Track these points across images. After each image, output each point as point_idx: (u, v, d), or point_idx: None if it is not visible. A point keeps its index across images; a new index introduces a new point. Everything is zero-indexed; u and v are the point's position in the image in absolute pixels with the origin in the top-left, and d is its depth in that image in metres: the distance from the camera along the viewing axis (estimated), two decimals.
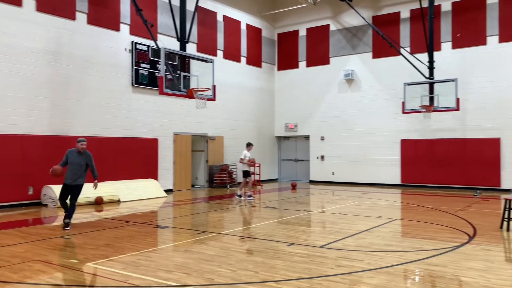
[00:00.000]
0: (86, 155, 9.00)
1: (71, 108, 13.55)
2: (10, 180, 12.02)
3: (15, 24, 12.25)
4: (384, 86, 19.25)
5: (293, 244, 7.42)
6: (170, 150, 16.77)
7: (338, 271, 5.75)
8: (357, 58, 19.98)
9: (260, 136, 21.40)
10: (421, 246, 7.25)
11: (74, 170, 8.89)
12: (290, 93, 21.84)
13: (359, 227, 9.04)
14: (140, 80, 15.47)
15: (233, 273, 5.66)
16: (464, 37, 17.48)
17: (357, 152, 19.85)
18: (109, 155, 14.37)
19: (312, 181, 21.10)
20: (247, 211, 12.10)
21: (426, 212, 11.40)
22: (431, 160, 18.05)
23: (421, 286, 5.32)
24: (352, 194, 15.71)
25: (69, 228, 8.79)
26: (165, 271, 5.77)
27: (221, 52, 19.04)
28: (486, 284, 5.23)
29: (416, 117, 17.90)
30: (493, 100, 16.81)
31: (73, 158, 8.92)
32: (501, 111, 16.67)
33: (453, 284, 5.28)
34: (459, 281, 5.37)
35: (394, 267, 5.98)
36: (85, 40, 13.95)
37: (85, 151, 9.00)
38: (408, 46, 18.52)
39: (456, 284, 5.28)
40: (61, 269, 5.92)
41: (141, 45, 15.51)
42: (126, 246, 7.35)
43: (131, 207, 12.53)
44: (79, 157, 8.93)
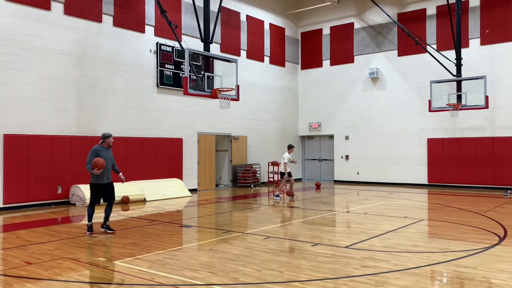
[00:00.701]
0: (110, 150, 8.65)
1: (97, 109, 13.82)
2: (40, 179, 12.33)
3: (43, 27, 12.57)
4: (410, 84, 18.93)
5: (318, 244, 7.38)
6: (195, 150, 16.90)
7: (364, 271, 5.68)
8: (382, 56, 19.71)
9: (284, 136, 21.35)
10: (449, 247, 7.10)
11: (106, 167, 8.33)
12: (314, 92, 21.71)
13: (385, 228, 8.91)
14: (165, 81, 15.65)
15: (258, 273, 5.66)
16: (493, 33, 17.03)
17: (382, 151, 19.58)
18: (134, 155, 14.59)
19: (337, 181, 20.93)
20: (272, 210, 12.09)
21: (454, 212, 11.16)
22: (459, 159, 17.66)
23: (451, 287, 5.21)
24: (377, 194, 15.51)
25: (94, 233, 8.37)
26: (190, 270, 5.82)
27: (244, 52, 19.09)
28: None
29: (443, 115, 17.54)
30: None
31: (103, 154, 8.33)
32: None
33: (483, 286, 5.14)
34: (489, 284, 5.23)
35: (421, 268, 5.87)
36: (111, 42, 14.20)
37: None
38: (435, 43, 18.16)
39: (486, 287, 5.14)
40: (89, 267, 6.04)
41: (165, 46, 15.68)
42: (152, 245, 7.45)
43: (156, 206, 12.69)
44: (108, 152, 8.49)
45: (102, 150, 8.46)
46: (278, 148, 20.82)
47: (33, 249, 7.16)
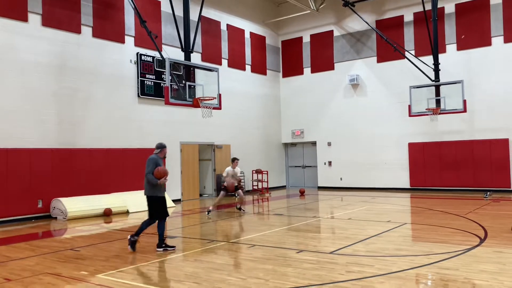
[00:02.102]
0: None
1: (78, 121, 13.65)
2: (19, 193, 12.09)
3: (21, 39, 12.40)
4: (390, 90, 19.20)
5: (303, 251, 7.38)
6: (178, 160, 16.80)
7: (349, 277, 5.70)
8: (362, 63, 19.98)
9: (267, 143, 21.40)
10: (432, 250, 7.18)
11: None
12: (296, 99, 21.85)
13: (368, 232, 8.98)
14: (146, 91, 15.56)
15: (243, 282, 5.63)
16: (468, 38, 17.43)
17: (364, 157, 19.77)
18: (116, 167, 14.42)
19: (320, 187, 21.02)
20: (256, 219, 12.07)
21: (436, 215, 11.31)
22: (440, 163, 17.93)
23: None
24: (360, 199, 15.62)
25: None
26: (175, 281, 5.76)
27: (225, 60, 19.13)
28: (500, 286, 5.16)
29: (423, 120, 17.81)
30: (500, 100, 16.71)
31: (161, 164, 7.99)
32: (509, 111, 16.56)
33: (466, 287, 5.21)
34: (472, 284, 5.30)
35: (405, 271, 5.92)
36: (90, 53, 14.08)
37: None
38: (413, 49, 18.49)
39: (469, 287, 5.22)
40: (71, 281, 5.93)
41: (146, 56, 15.62)
42: (136, 257, 7.35)
43: (139, 218, 12.52)
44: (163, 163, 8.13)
45: (160, 161, 8.09)
46: (262, 156, 20.85)
47: (12, 265, 7.00)
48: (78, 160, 13.46)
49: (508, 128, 16.60)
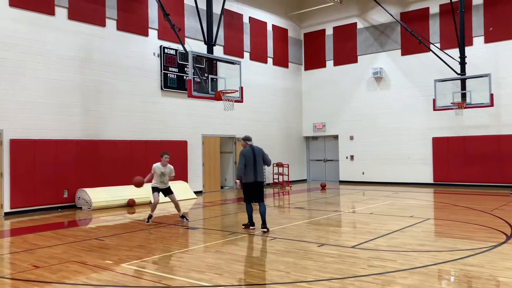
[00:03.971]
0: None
1: (102, 113, 13.88)
2: (46, 184, 12.40)
3: (48, 33, 12.65)
4: (414, 83, 18.89)
5: (324, 244, 7.38)
6: (199, 152, 16.94)
7: (371, 271, 5.68)
8: (386, 56, 19.69)
9: (288, 137, 21.36)
10: (456, 246, 7.08)
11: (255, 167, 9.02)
12: (318, 92, 21.70)
13: (391, 227, 8.90)
14: (169, 84, 15.70)
15: (265, 274, 5.67)
16: (497, 30, 16.97)
17: (387, 151, 19.54)
18: (140, 158, 14.63)
19: (342, 181, 20.90)
20: (277, 212, 12.10)
21: (460, 211, 11.12)
22: (464, 158, 17.59)
23: (457, 286, 5.20)
24: (383, 194, 15.48)
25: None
26: (197, 272, 5.83)
27: (247, 53, 19.12)
28: None
29: (447, 114, 17.48)
30: None
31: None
32: None
33: (490, 284, 5.13)
34: (496, 282, 5.22)
35: (428, 267, 5.86)
36: (114, 46, 14.27)
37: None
38: (438, 42, 18.12)
39: (493, 285, 5.13)
40: (96, 269, 6.07)
41: (169, 49, 15.74)
42: (159, 247, 7.47)
43: (162, 208, 12.71)
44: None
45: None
46: (283, 149, 20.83)
47: (40, 253, 7.20)
48: (102, 151, 13.72)
49: None
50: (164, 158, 9.88)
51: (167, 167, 9.92)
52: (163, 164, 9.87)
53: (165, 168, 9.88)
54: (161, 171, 9.81)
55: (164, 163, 9.87)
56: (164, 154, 9.96)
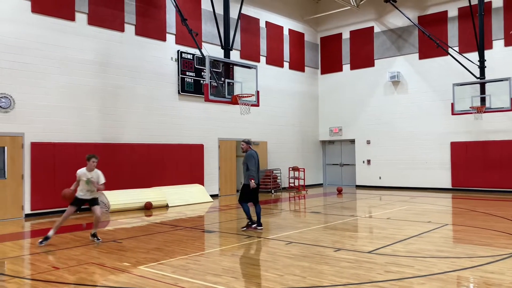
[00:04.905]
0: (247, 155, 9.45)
1: (120, 117, 14.07)
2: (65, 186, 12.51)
3: (68, 38, 12.89)
4: (432, 87, 18.70)
5: (341, 249, 7.34)
6: (215, 156, 17.02)
7: (388, 277, 5.63)
8: (403, 60, 19.54)
9: (304, 141, 21.32)
10: (475, 253, 6.98)
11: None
12: (334, 96, 21.63)
13: (408, 233, 8.81)
14: (186, 88, 15.84)
15: (281, 278, 5.67)
16: None
17: (404, 155, 19.35)
18: (157, 161, 14.79)
19: (358, 185, 20.76)
20: (293, 216, 12.08)
21: (480, 217, 10.95)
22: (484, 163, 17.31)
23: None
24: (400, 199, 15.32)
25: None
26: (213, 275, 5.86)
27: (264, 57, 19.18)
28: None
29: (466, 118, 17.25)
30: None
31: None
32: None
33: None
34: None
35: (447, 273, 5.79)
36: (133, 51, 14.46)
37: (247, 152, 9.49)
38: (457, 45, 17.92)
39: None
40: (114, 271, 6.15)
41: (186, 54, 15.89)
42: (175, 250, 7.53)
43: (178, 211, 12.81)
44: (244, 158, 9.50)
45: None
46: (299, 153, 20.80)
47: (59, 254, 7.32)
48: (120, 155, 13.89)
49: None
50: (92, 162, 8.22)
51: (94, 172, 8.28)
52: (89, 169, 8.23)
53: (92, 174, 8.25)
54: (87, 177, 8.17)
55: (91, 168, 8.23)
56: (92, 157, 8.25)
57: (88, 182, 8.20)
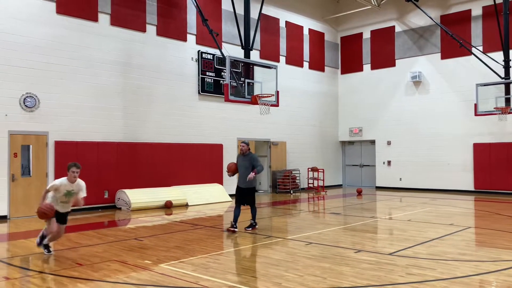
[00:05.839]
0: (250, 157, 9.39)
1: (141, 116, 14.24)
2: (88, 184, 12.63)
3: (91, 38, 13.12)
4: (454, 88, 18.40)
5: (361, 251, 7.29)
6: (234, 155, 17.04)
7: (409, 279, 5.58)
8: (425, 59, 19.27)
9: (324, 141, 21.22)
10: (500, 256, 6.84)
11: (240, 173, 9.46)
12: (354, 96, 21.47)
13: (429, 235, 8.69)
14: (206, 88, 15.94)
15: (301, 278, 5.66)
16: None
17: (426, 156, 19.09)
18: (176, 161, 14.92)
19: (378, 187, 20.56)
20: (312, 217, 12.04)
21: (504, 220, 10.73)
22: (508, 164, 16.95)
23: None
24: (421, 201, 15.12)
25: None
26: (233, 274, 5.89)
27: (283, 57, 19.16)
28: None
29: (490, 119, 16.90)
30: None
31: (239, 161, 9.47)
32: None
33: None
34: None
35: (470, 277, 5.70)
36: (154, 51, 14.62)
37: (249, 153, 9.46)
38: (481, 45, 17.58)
39: None
40: (136, 269, 6.24)
41: (206, 54, 15.99)
42: (196, 248, 7.59)
43: (198, 210, 12.91)
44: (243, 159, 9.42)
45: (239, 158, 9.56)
46: (318, 154, 20.72)
47: (82, 251, 7.46)
48: (141, 154, 14.06)
49: None
50: (71, 172, 6.94)
51: (76, 184, 7.06)
52: (71, 179, 6.97)
53: (73, 186, 7.02)
54: (68, 190, 6.96)
55: (73, 179, 6.98)
56: (72, 166, 6.97)
57: (68, 194, 6.99)
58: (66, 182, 7.00)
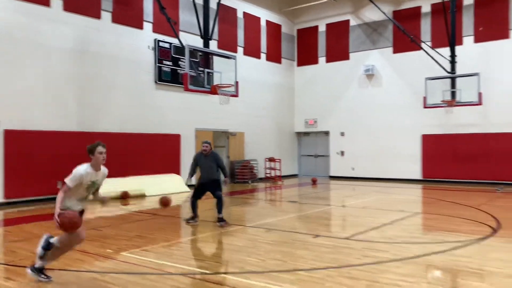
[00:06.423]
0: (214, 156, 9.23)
1: (97, 105, 13.92)
2: (41, 175, 12.43)
3: (44, 24, 12.64)
4: (405, 81, 19.19)
5: (319, 236, 7.59)
6: (192, 146, 17.05)
7: (365, 261, 5.90)
8: (378, 53, 19.96)
9: (280, 132, 21.56)
10: (445, 239, 7.34)
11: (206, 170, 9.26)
12: (310, 88, 21.91)
13: (381, 220, 9.15)
14: (163, 77, 15.78)
15: (263, 262, 5.86)
16: (486, 30, 17.31)
17: (377, 147, 19.84)
18: (134, 151, 14.71)
19: (332, 176, 21.18)
20: (270, 205, 12.30)
21: (449, 206, 11.43)
22: (453, 155, 17.96)
23: (448, 275, 5.45)
24: (373, 189, 15.77)
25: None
26: (197, 260, 6.01)
27: (241, 48, 19.24)
28: (511, 273, 5.33)
29: (437, 112, 17.78)
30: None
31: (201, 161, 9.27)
32: None
33: (478, 273, 5.39)
34: (484, 271, 5.47)
35: (420, 257, 6.10)
36: (109, 38, 14.29)
37: (212, 152, 9.29)
38: (430, 40, 18.42)
39: (481, 274, 5.38)
40: (98, 258, 6.21)
41: (163, 43, 15.80)
42: (157, 237, 7.62)
43: (156, 201, 12.81)
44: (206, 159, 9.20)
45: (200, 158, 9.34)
46: (275, 144, 21.04)
47: None
48: None
49: None
50: (99, 154, 5.31)
51: (102, 172, 5.46)
52: (97, 165, 5.33)
53: (98, 175, 5.39)
54: (92, 180, 5.31)
55: (100, 164, 5.37)
56: (99, 146, 5.34)
57: (91, 186, 5.36)
58: (90, 170, 5.25)
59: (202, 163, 9.23)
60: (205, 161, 9.19)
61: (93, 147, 5.31)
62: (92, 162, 5.28)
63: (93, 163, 5.28)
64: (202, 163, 9.23)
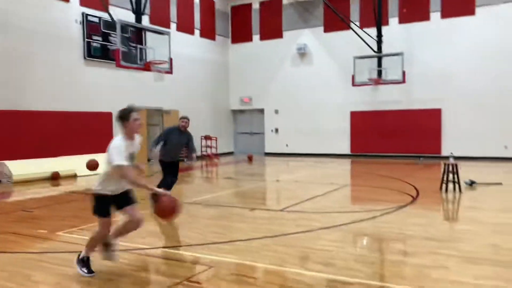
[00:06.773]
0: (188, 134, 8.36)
1: (20, 82, 13.15)
2: None
3: None
4: (335, 60, 19.90)
5: (255, 209, 7.89)
6: None
7: (298, 229, 6.28)
8: (309, 32, 20.45)
9: (216, 110, 21.61)
10: (372, 208, 7.93)
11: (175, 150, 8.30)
12: (245, 66, 22.06)
13: (314, 193, 9.64)
14: (92, 53, 15.17)
15: (203, 235, 6.05)
16: (409, 12, 18.33)
17: (309, 124, 20.54)
18: (63, 130, 14.14)
19: (267, 153, 21.69)
20: (207, 182, 12.46)
21: (375, 178, 12.24)
22: (379, 130, 19.06)
23: (373, 239, 5.96)
24: (305, 164, 16.42)
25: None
26: (139, 237, 6.03)
27: (174, 24, 18.89)
28: (427, 235, 5.93)
29: (365, 89, 18.72)
30: (435, 72, 17.88)
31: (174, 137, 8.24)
32: (442, 83, 17.79)
33: (399, 237, 5.95)
34: (404, 235, 6.05)
35: (348, 225, 6.59)
36: (33, 11, 13.46)
37: (187, 131, 8.38)
38: (358, 20, 19.16)
39: (401, 237, 5.95)
40: (33, 239, 6.06)
41: (92, 17, 15.14)
42: (93, 216, 7.50)
43: (88, 181, 12.51)
44: (181, 136, 8.27)
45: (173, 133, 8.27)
46: (211, 122, 21.08)
47: None
48: (22, 123, 13.06)
49: (441, 99, 17.88)
50: (134, 120, 4.61)
51: (136, 142, 4.87)
52: (131, 134, 4.71)
53: (134, 146, 4.82)
54: (130, 152, 4.69)
55: (135, 132, 4.77)
56: (132, 112, 4.65)
57: (131, 160, 4.69)
58: (127, 143, 4.53)
59: (174, 139, 8.19)
60: (179, 138, 8.25)
61: (126, 113, 4.50)
62: (126, 131, 4.51)
63: (127, 132, 4.52)
64: (175, 139, 8.20)
